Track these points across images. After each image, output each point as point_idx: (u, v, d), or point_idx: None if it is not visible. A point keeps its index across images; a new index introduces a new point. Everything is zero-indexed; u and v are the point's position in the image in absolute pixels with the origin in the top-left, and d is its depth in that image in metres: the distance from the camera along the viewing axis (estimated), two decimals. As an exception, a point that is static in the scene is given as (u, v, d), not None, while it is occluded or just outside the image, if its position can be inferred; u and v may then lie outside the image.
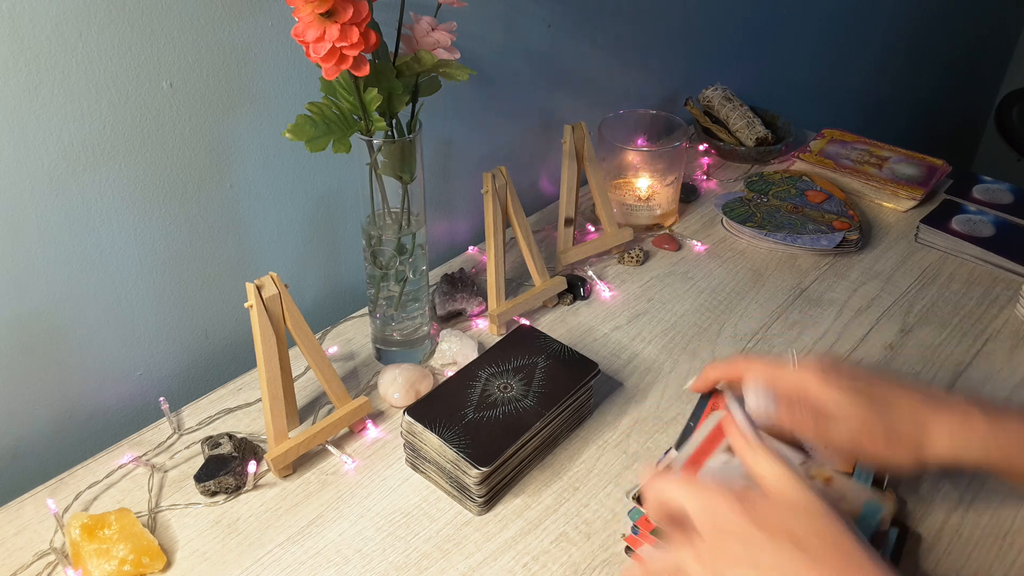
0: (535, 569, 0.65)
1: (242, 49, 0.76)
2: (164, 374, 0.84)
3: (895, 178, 1.14)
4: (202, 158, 0.77)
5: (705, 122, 1.25)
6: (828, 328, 0.91)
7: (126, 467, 0.73)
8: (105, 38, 0.67)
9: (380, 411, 0.80)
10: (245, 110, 0.78)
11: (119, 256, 0.75)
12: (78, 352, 0.76)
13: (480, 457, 0.67)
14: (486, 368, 0.76)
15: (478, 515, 0.70)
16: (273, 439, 0.71)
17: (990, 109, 2.57)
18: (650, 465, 0.70)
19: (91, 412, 0.80)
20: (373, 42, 0.63)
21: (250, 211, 0.84)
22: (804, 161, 1.19)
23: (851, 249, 1.03)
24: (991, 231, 1.03)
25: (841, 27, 1.68)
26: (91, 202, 0.72)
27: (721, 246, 1.05)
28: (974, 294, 0.96)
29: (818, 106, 1.76)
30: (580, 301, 0.95)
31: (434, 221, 1.02)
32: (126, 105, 0.70)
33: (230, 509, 0.70)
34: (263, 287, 0.68)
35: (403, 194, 0.76)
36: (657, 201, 1.05)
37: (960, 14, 2.10)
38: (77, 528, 0.64)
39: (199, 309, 0.84)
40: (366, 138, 0.72)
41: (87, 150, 0.69)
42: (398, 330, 0.83)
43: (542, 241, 1.04)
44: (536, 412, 0.71)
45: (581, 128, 0.96)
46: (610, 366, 0.85)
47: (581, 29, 1.09)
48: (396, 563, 0.66)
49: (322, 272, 0.94)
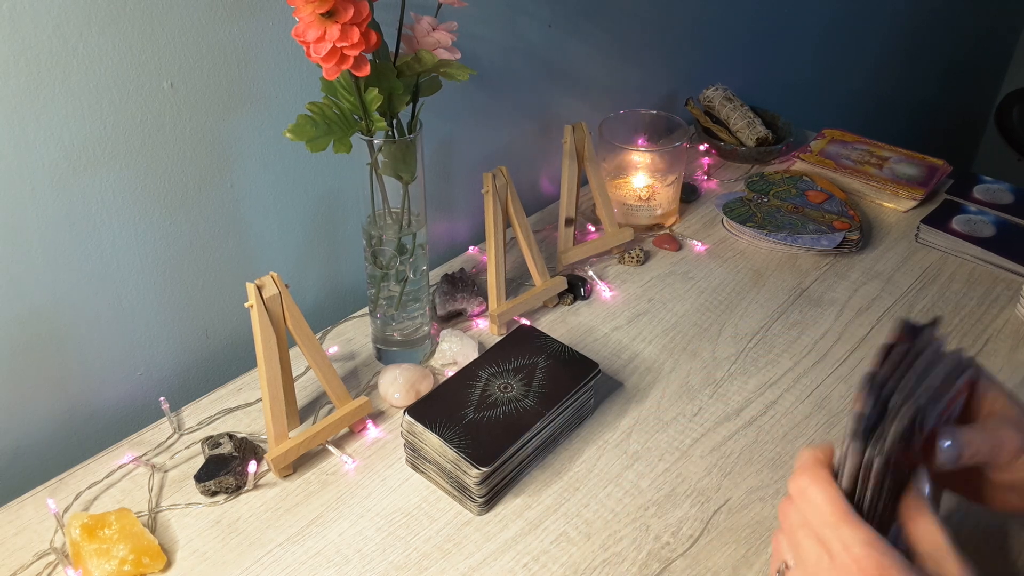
0: (535, 569, 0.65)
1: (243, 49, 0.76)
2: (164, 374, 0.84)
3: (895, 178, 1.14)
4: (203, 158, 0.77)
5: (705, 122, 1.25)
6: (829, 328, 0.91)
7: (126, 467, 0.73)
8: (106, 38, 0.67)
9: (380, 411, 0.80)
10: (246, 110, 0.78)
11: (119, 256, 0.75)
12: (78, 352, 0.76)
13: (480, 457, 0.67)
14: (486, 368, 0.76)
15: (478, 515, 0.70)
16: (273, 439, 0.71)
17: (990, 109, 2.56)
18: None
19: (91, 412, 0.80)
20: (374, 42, 0.64)
21: (250, 211, 0.84)
22: (804, 161, 1.19)
23: (851, 249, 1.03)
24: (991, 231, 1.03)
25: (841, 27, 1.68)
26: (92, 202, 0.72)
27: (721, 246, 1.05)
28: (974, 294, 0.96)
29: (818, 106, 1.76)
30: (580, 301, 0.95)
31: (434, 221, 1.02)
32: (127, 105, 0.70)
33: (230, 509, 0.70)
34: (263, 287, 0.68)
35: (403, 194, 0.76)
36: (657, 201, 1.05)
37: (960, 14, 2.10)
38: (77, 528, 0.64)
39: (199, 309, 0.84)
40: (366, 138, 0.72)
41: (88, 150, 0.69)
42: (398, 330, 0.83)
43: (542, 241, 1.04)
44: (536, 412, 0.71)
45: (581, 128, 0.96)
46: (610, 366, 0.85)
47: (581, 29, 1.09)
48: (396, 563, 0.66)
49: (322, 272, 0.94)
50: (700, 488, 0.72)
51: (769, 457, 0.75)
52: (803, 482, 0.47)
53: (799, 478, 0.47)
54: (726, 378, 0.84)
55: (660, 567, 0.66)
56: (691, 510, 0.70)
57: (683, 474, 0.74)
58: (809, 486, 0.46)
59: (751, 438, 0.77)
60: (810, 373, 0.85)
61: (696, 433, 0.78)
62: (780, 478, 0.73)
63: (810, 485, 0.46)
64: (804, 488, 0.46)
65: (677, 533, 0.68)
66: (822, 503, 0.45)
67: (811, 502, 0.46)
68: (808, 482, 0.46)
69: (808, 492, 0.46)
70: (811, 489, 0.46)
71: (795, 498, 0.47)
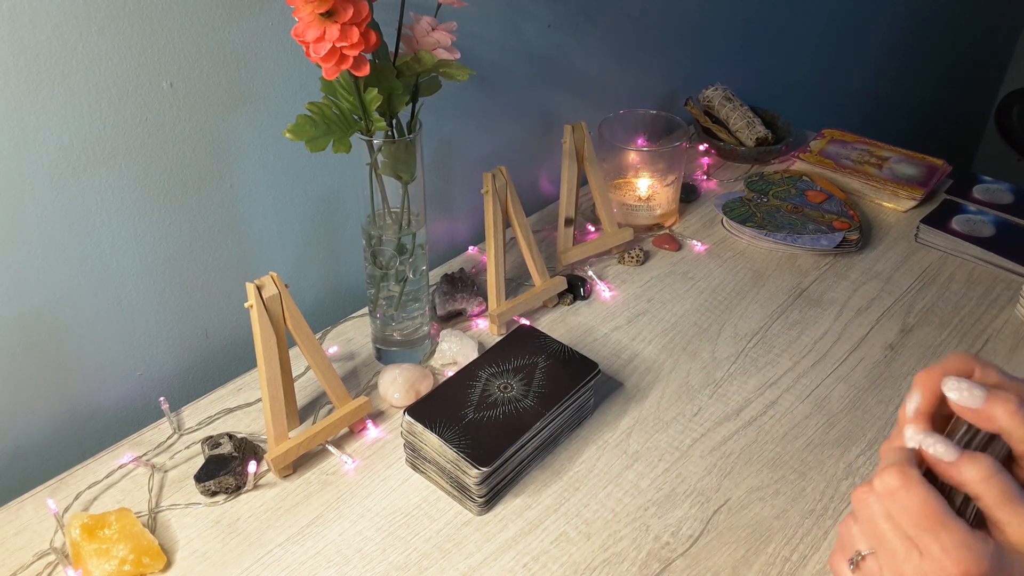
0: (535, 569, 0.65)
1: (242, 49, 0.76)
2: (164, 374, 0.84)
3: (895, 178, 1.14)
4: (202, 158, 0.77)
5: (705, 122, 1.25)
6: (828, 328, 0.91)
7: (126, 467, 0.73)
8: (105, 38, 0.67)
9: (380, 411, 0.80)
10: (245, 110, 0.78)
11: (119, 256, 0.75)
12: (78, 352, 0.76)
13: (480, 457, 0.67)
14: (486, 368, 0.76)
15: (478, 515, 0.70)
16: (273, 439, 0.71)
17: (990, 109, 2.57)
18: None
19: (91, 412, 0.80)
20: (373, 42, 0.63)
21: (250, 211, 0.84)
22: (804, 161, 1.19)
23: (851, 249, 1.03)
24: (991, 231, 1.03)
25: (841, 27, 1.68)
26: (91, 202, 0.72)
27: (721, 246, 1.05)
28: (974, 294, 0.96)
29: (818, 106, 1.76)
30: (580, 301, 0.95)
31: (434, 221, 1.02)
32: (126, 105, 0.70)
33: (230, 509, 0.70)
34: (263, 287, 0.68)
35: (403, 194, 0.76)
36: (657, 201, 1.05)
37: (960, 14, 2.10)
38: (77, 528, 0.64)
39: (199, 309, 0.84)
40: (366, 138, 0.72)
41: (87, 150, 0.69)
42: (398, 330, 0.83)
43: (542, 241, 1.04)
44: (536, 412, 0.71)
45: (581, 128, 0.96)
46: (610, 366, 0.85)
47: (581, 29, 1.09)
48: (396, 563, 0.66)
49: (322, 272, 0.94)
50: (700, 488, 0.72)
51: (769, 457, 0.75)
52: (892, 482, 0.44)
53: (888, 477, 0.44)
54: (726, 378, 0.84)
55: (660, 567, 0.66)
56: (691, 510, 0.70)
57: (683, 474, 0.74)
58: (899, 488, 0.43)
59: (751, 438, 0.77)
60: (810, 373, 0.85)
61: (696, 433, 0.78)
62: (780, 478, 0.73)
63: (900, 487, 0.43)
64: (894, 489, 0.44)
65: (677, 533, 0.68)
66: (916, 508, 0.43)
67: (901, 504, 0.43)
68: (898, 483, 0.44)
69: (898, 495, 0.43)
70: (901, 492, 0.43)
71: (882, 496, 0.45)
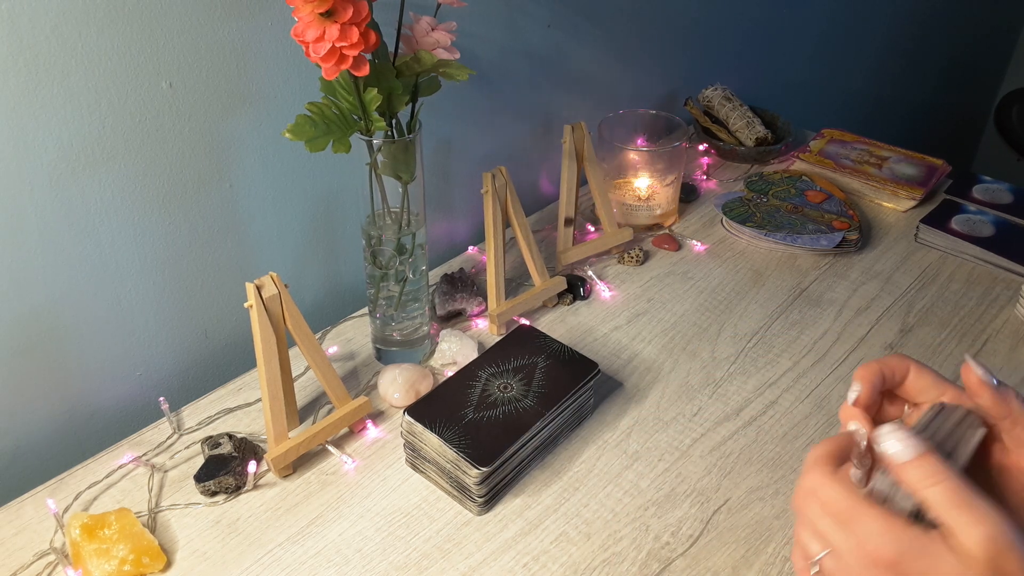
0: (535, 569, 0.65)
1: (242, 49, 0.76)
2: (164, 374, 0.84)
3: (895, 178, 1.14)
4: (202, 158, 0.77)
5: (705, 122, 1.25)
6: (828, 328, 0.91)
7: (126, 467, 0.73)
8: (105, 38, 0.67)
9: (380, 411, 0.80)
10: (245, 110, 0.78)
11: (119, 256, 0.75)
12: (78, 352, 0.76)
13: (480, 457, 0.67)
14: (486, 368, 0.76)
15: (478, 515, 0.70)
16: (273, 439, 0.71)
17: (990, 109, 2.56)
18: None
19: (91, 412, 0.80)
20: (373, 42, 0.63)
21: (250, 211, 0.84)
22: (804, 161, 1.19)
23: (851, 249, 1.03)
24: (991, 231, 1.03)
25: (841, 27, 1.68)
26: (91, 202, 0.72)
27: (721, 246, 1.05)
28: (974, 294, 0.96)
29: (818, 106, 1.76)
30: (580, 301, 0.95)
31: (434, 221, 1.02)
32: (126, 105, 0.70)
33: (230, 509, 0.70)
34: (263, 287, 0.68)
35: (403, 194, 0.76)
36: (657, 201, 1.05)
37: (960, 14, 2.10)
38: (77, 528, 0.64)
39: (199, 309, 0.84)
40: (366, 138, 0.72)
41: (87, 150, 0.69)
42: (398, 330, 0.83)
43: (542, 241, 1.04)
44: (536, 412, 0.71)
45: (581, 128, 0.96)
46: (610, 366, 0.85)
47: (581, 29, 1.09)
48: (396, 563, 0.66)
49: (322, 272, 0.94)
50: (700, 488, 0.72)
51: (769, 457, 0.75)
52: (807, 484, 0.46)
53: (804, 480, 0.47)
54: (725, 378, 0.84)
55: (660, 567, 0.66)
56: (691, 510, 0.70)
57: (683, 474, 0.74)
58: (818, 487, 0.46)
59: (751, 438, 0.77)
60: (809, 373, 0.85)
61: (696, 433, 0.78)
62: (780, 478, 0.73)
63: (818, 487, 0.46)
64: (814, 489, 0.46)
65: (677, 533, 0.68)
66: (834, 503, 0.45)
67: (822, 502, 0.46)
68: (814, 483, 0.46)
69: (819, 493, 0.46)
70: (820, 491, 0.46)
71: (807, 497, 0.47)
